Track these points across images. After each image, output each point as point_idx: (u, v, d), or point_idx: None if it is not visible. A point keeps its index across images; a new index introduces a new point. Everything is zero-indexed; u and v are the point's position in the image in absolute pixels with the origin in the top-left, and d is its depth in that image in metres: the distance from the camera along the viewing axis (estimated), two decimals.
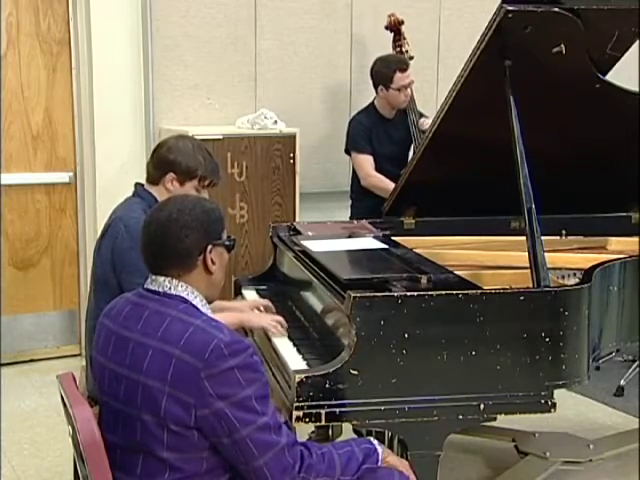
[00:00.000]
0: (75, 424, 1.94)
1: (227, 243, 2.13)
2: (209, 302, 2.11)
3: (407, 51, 4.68)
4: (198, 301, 2.05)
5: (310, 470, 1.98)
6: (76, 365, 4.25)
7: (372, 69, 4.40)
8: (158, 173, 2.85)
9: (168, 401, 1.89)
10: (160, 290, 2.04)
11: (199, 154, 2.84)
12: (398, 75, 4.29)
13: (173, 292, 2.03)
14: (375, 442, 2.18)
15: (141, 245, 2.09)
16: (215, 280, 2.10)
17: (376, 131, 4.40)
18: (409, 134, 4.45)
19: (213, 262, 2.07)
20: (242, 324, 2.87)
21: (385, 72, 4.32)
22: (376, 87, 4.38)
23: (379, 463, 2.15)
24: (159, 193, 2.84)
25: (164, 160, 2.83)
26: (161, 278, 2.05)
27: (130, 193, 2.95)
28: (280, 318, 2.81)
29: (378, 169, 4.34)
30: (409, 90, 4.36)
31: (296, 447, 1.98)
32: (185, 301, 2.02)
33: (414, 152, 3.77)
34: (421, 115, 4.47)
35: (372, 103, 4.47)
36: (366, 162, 4.36)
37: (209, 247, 2.05)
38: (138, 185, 2.92)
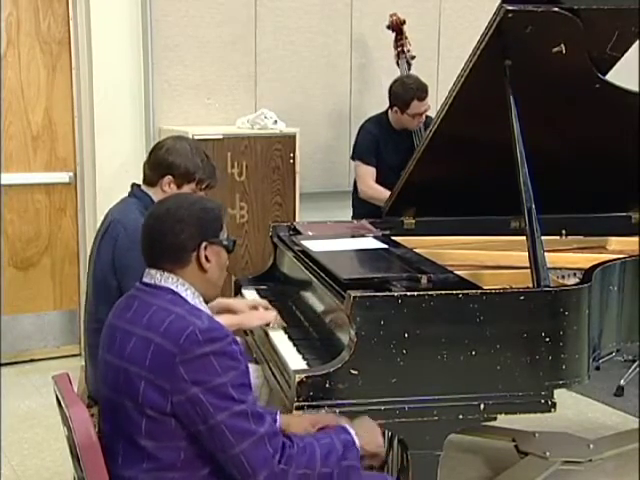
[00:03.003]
0: (71, 425, 1.93)
1: (225, 243, 2.12)
2: (207, 301, 2.11)
3: (409, 51, 4.69)
4: (189, 293, 2.04)
5: (290, 461, 1.94)
6: (76, 365, 4.23)
7: (391, 87, 4.35)
8: (155, 175, 2.82)
9: (146, 387, 1.90)
10: (152, 282, 2.05)
11: (197, 157, 2.81)
12: (415, 103, 4.26)
13: (163, 284, 2.04)
14: (352, 432, 2.13)
15: (140, 238, 2.10)
16: (211, 279, 2.09)
17: (384, 141, 4.38)
18: (414, 148, 4.42)
19: (208, 260, 2.06)
20: (241, 326, 2.87)
21: (403, 97, 4.27)
22: (391, 106, 4.35)
23: (359, 453, 2.10)
24: (156, 195, 2.81)
25: (162, 162, 2.80)
26: (153, 271, 2.06)
27: (127, 194, 2.95)
28: (272, 313, 2.83)
29: (383, 178, 4.31)
30: (423, 117, 4.33)
31: (278, 437, 1.95)
32: (173, 292, 2.03)
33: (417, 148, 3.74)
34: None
35: (385, 112, 4.44)
36: (367, 174, 4.37)
37: (204, 244, 2.05)
38: (135, 186, 2.90)
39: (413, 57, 4.65)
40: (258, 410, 1.94)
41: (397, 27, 4.71)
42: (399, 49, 4.69)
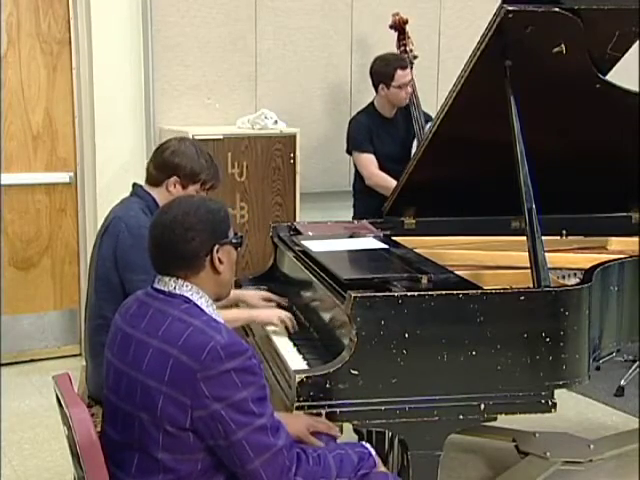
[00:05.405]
0: (72, 424, 1.93)
1: (234, 241, 2.13)
2: (219, 300, 2.12)
3: (411, 50, 4.69)
4: (203, 302, 2.04)
5: (306, 472, 1.97)
6: (76, 365, 4.24)
7: (371, 68, 4.41)
8: (161, 176, 2.84)
9: (165, 401, 1.89)
10: (166, 289, 2.05)
11: (202, 158, 2.84)
12: (399, 72, 4.31)
13: (177, 292, 2.03)
14: (369, 446, 2.18)
15: (148, 248, 2.09)
16: (224, 279, 2.10)
17: (376, 130, 4.40)
18: (409, 133, 4.45)
19: (221, 261, 2.07)
20: (253, 320, 2.88)
21: (385, 70, 4.33)
22: (376, 86, 4.38)
23: (375, 468, 2.14)
24: (159, 195, 2.83)
25: (169, 163, 2.82)
26: (167, 278, 2.05)
27: (129, 193, 2.95)
28: (290, 315, 2.82)
29: (381, 168, 4.34)
30: (410, 87, 4.36)
31: (293, 450, 1.97)
32: (188, 301, 2.02)
33: (417, 148, 3.76)
34: (427, 120, 4.45)
35: (372, 103, 4.48)
36: (369, 161, 4.36)
37: (216, 247, 2.05)
38: (136, 186, 2.92)
39: (415, 57, 4.66)
40: (275, 422, 1.95)
41: (400, 27, 4.71)
42: (401, 49, 4.69)
